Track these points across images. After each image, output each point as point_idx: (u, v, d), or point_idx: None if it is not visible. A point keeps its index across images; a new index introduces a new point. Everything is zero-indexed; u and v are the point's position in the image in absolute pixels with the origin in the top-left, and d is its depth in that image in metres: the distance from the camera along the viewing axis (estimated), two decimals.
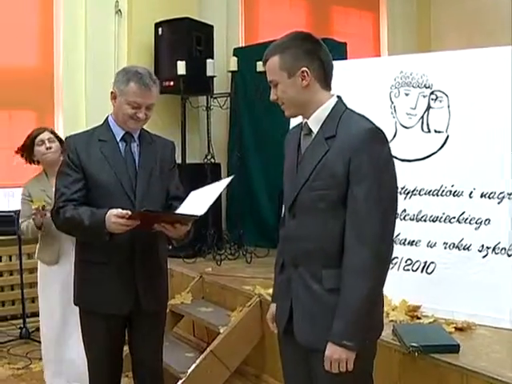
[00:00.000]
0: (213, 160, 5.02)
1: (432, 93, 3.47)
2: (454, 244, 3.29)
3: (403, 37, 7.17)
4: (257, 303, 3.71)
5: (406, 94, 3.56)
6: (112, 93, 2.50)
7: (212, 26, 5.36)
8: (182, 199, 2.55)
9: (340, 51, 5.34)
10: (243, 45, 6.06)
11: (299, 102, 2.01)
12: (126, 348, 2.66)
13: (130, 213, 2.28)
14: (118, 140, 2.52)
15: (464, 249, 3.27)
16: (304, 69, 1.97)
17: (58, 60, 5.30)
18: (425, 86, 3.50)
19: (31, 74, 5.24)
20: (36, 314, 4.86)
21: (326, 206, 1.95)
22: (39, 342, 4.43)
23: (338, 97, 2.06)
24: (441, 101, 3.43)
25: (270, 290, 3.66)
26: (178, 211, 2.40)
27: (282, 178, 2.19)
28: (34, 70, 5.26)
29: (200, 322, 4.07)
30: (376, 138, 1.92)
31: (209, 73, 4.90)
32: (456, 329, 3.02)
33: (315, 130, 2.02)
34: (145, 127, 2.62)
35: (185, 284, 4.36)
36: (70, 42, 5.28)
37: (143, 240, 2.46)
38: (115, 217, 2.28)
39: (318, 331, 1.96)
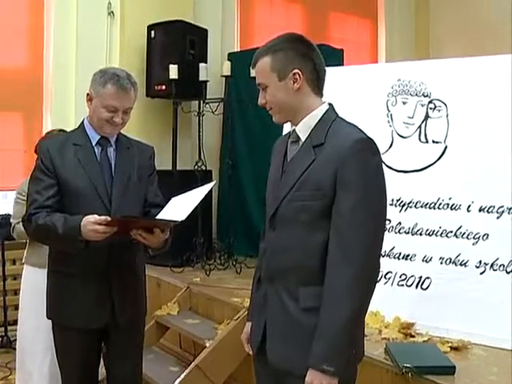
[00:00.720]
0: (204, 167, 4.88)
1: (430, 102, 3.36)
2: (450, 259, 3.18)
3: (401, 44, 7.06)
4: (245, 316, 3.55)
5: (404, 103, 3.44)
6: (88, 94, 2.38)
7: (206, 30, 5.24)
8: (160, 207, 2.45)
9: (336, 58, 5.23)
10: (238, 50, 5.94)
11: (289, 107, 1.89)
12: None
13: (108, 218, 2.16)
14: (94, 144, 2.39)
15: (461, 264, 3.15)
16: (296, 71, 1.85)
17: (47, 61, 5.16)
18: (423, 94, 3.39)
19: (20, 75, 5.10)
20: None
21: (309, 218, 1.82)
22: None
23: (330, 104, 1.95)
24: (439, 110, 3.32)
25: None
26: (158, 217, 2.28)
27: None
28: (22, 71, 5.13)
29: (186, 335, 3.93)
30: (366, 149, 1.80)
31: (201, 77, 4.77)
32: (451, 348, 2.90)
33: (303, 137, 1.90)
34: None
35: (172, 294, 4.22)
36: (60, 43, 5.14)
37: (119, 248, 2.33)
38: (92, 223, 2.15)
39: (291, 353, 1.84)
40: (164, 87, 4.93)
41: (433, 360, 2.64)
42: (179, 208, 2.22)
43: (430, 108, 3.35)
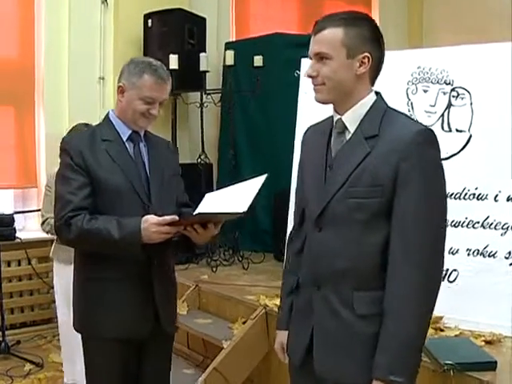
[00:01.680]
0: (207, 160, 4.72)
1: (453, 89, 3.25)
2: (478, 251, 3.08)
3: (395, 32, 6.95)
4: (262, 315, 3.44)
5: (425, 91, 3.33)
6: (120, 87, 2.20)
7: (204, 19, 5.07)
8: (188, 205, 2.33)
9: None
10: (233, 39, 5.77)
11: (345, 90, 1.72)
12: None
13: (176, 218, 2.02)
14: (125, 140, 2.22)
15: (489, 256, 3.06)
16: (367, 54, 1.69)
17: (39, 52, 4.91)
18: (445, 82, 3.28)
19: (10, 66, 4.84)
20: (16, 327, 4.56)
21: (365, 217, 1.67)
22: (21, 358, 4.12)
23: (377, 93, 1.79)
24: (462, 98, 3.22)
25: (277, 301, 3.47)
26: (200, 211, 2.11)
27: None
28: (12, 62, 4.87)
29: (197, 335, 3.79)
30: (429, 142, 1.67)
31: (202, 67, 4.61)
32: (485, 342, 2.81)
33: (352, 128, 1.74)
34: None
35: (179, 293, 4.05)
36: (52, 33, 4.89)
37: (158, 250, 2.14)
38: (156, 225, 1.99)
39: (344, 363, 1.71)
40: None
41: (473, 356, 2.53)
42: (228, 201, 2.06)
43: (453, 96, 3.24)
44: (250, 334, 3.38)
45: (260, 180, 2.04)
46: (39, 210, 3.94)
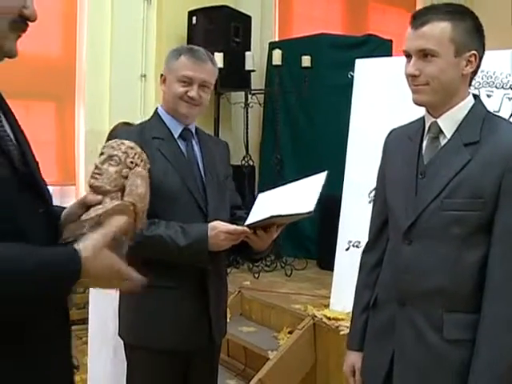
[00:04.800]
0: (251, 162, 4.60)
1: None
2: None
3: None
4: (310, 326, 3.30)
5: (488, 96, 3.15)
6: (161, 75, 2.09)
7: (250, 17, 4.96)
8: (240, 208, 2.19)
9: (386, 48, 4.99)
10: (277, 39, 5.64)
11: (449, 90, 1.56)
12: None
13: (248, 230, 1.89)
14: (176, 137, 2.09)
15: None
16: (474, 52, 1.54)
17: (81, 49, 4.82)
18: (510, 86, 3.10)
19: (51, 63, 4.76)
20: None
21: (463, 231, 1.52)
22: None
23: (476, 96, 1.64)
24: None
25: (326, 311, 3.34)
26: (256, 217, 1.96)
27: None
28: (54, 59, 4.79)
29: (239, 342, 3.66)
30: None
31: (248, 67, 4.50)
32: None
33: (448, 133, 1.59)
34: None
35: None
36: (94, 30, 4.79)
37: (215, 257, 1.99)
38: (225, 233, 1.87)
39: None
40: None
41: None
42: (290, 201, 1.91)
43: None
44: (297, 345, 3.24)
45: (321, 177, 1.89)
46: None
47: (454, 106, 1.59)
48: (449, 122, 1.59)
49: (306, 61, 4.41)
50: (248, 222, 1.93)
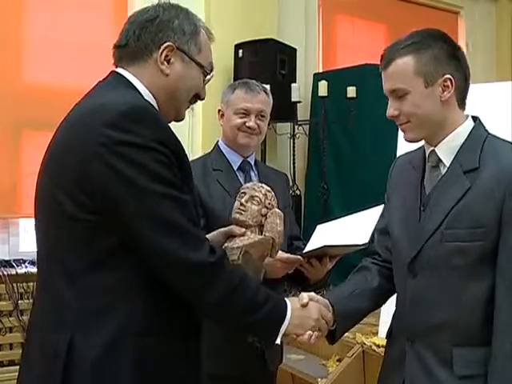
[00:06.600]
0: (298, 191, 4.66)
1: None
2: None
3: (484, 65, 6.76)
4: (359, 353, 3.31)
5: None
6: (219, 111, 2.23)
7: (295, 49, 5.05)
8: (299, 239, 2.28)
9: None
10: (321, 70, 5.74)
11: (433, 121, 1.57)
12: None
13: (301, 259, 1.98)
14: (235, 169, 2.18)
15: None
16: (448, 76, 1.54)
17: None
18: None
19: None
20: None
21: (465, 262, 1.51)
22: None
23: (475, 118, 1.63)
24: None
25: (375, 339, 3.34)
26: (313, 246, 2.03)
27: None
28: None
29: (288, 371, 3.68)
30: None
31: (294, 98, 4.60)
32: None
33: (447, 161, 1.59)
34: None
35: None
36: None
37: (271, 285, 2.07)
38: (280, 262, 1.95)
39: None
40: None
41: None
42: (346, 233, 1.98)
43: None
44: (347, 373, 3.26)
45: (377, 211, 1.95)
46: None
47: (450, 133, 1.59)
48: (446, 150, 1.59)
49: (351, 91, 4.48)
50: (304, 251, 1.99)
